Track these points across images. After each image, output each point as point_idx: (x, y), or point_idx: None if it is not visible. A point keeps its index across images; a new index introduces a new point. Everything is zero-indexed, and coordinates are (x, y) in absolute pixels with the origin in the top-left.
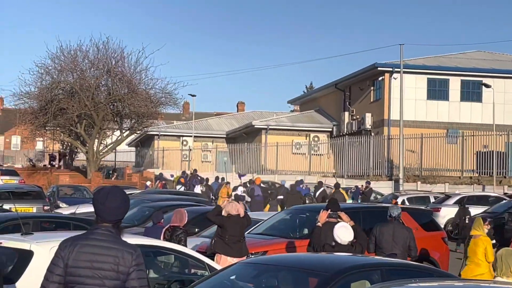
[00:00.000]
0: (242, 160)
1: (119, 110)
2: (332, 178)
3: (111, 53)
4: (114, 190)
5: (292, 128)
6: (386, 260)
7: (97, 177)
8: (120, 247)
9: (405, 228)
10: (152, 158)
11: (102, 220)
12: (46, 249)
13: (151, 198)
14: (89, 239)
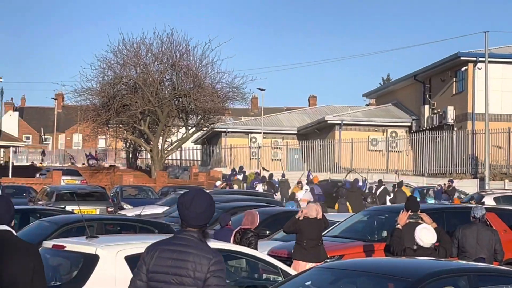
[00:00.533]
0: (314, 157)
1: (184, 106)
2: (412, 176)
3: (175, 46)
4: (200, 194)
5: (368, 123)
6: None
7: (162, 177)
8: (199, 252)
9: (490, 230)
10: (219, 156)
11: (187, 225)
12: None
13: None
14: (170, 244)
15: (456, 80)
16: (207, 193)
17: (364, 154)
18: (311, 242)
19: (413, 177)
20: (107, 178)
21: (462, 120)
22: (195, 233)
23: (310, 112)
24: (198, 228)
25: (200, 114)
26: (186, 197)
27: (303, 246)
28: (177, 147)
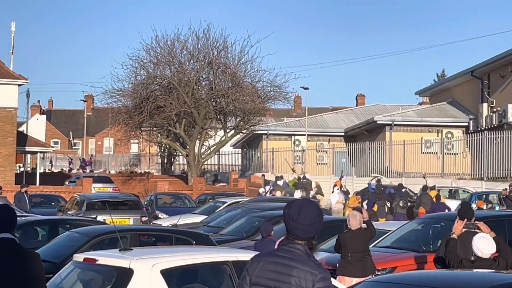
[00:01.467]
0: (363, 161)
1: (222, 107)
2: (470, 180)
3: (212, 43)
4: (307, 204)
5: (421, 123)
6: None
7: (199, 183)
8: (304, 267)
9: None
10: (260, 161)
11: (294, 237)
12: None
13: (261, 207)
14: (274, 256)
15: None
16: (314, 203)
17: (417, 157)
18: (356, 255)
19: (471, 182)
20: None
21: None
22: (301, 246)
23: (358, 112)
24: (305, 240)
25: (239, 116)
26: (293, 208)
27: (348, 260)
28: (215, 151)
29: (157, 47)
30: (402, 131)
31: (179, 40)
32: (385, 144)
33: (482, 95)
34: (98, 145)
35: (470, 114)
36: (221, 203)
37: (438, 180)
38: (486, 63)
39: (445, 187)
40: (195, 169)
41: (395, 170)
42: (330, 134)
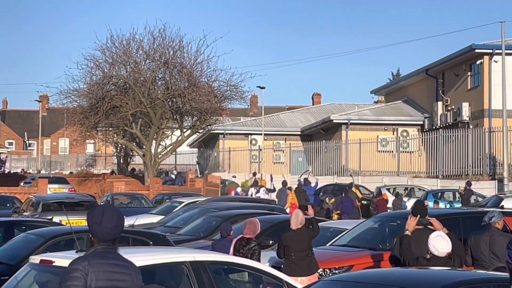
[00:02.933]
0: (320, 160)
1: (178, 107)
2: (425, 179)
3: (168, 42)
4: (108, 209)
5: (377, 122)
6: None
7: (156, 183)
8: (131, 265)
9: (503, 236)
10: (217, 160)
11: (100, 240)
12: None
13: (218, 207)
14: (104, 258)
15: (471, 74)
16: (115, 208)
17: (373, 155)
18: (300, 255)
19: (426, 180)
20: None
21: (478, 117)
22: (113, 246)
23: (314, 111)
24: (111, 242)
25: (196, 115)
26: (96, 213)
27: (291, 260)
28: (172, 151)
29: (113, 47)
30: (358, 129)
31: (134, 39)
32: (341, 142)
33: (437, 94)
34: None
35: (425, 112)
36: (178, 203)
37: (394, 178)
38: (441, 61)
39: (401, 185)
40: (152, 169)
41: (352, 169)
42: (286, 133)
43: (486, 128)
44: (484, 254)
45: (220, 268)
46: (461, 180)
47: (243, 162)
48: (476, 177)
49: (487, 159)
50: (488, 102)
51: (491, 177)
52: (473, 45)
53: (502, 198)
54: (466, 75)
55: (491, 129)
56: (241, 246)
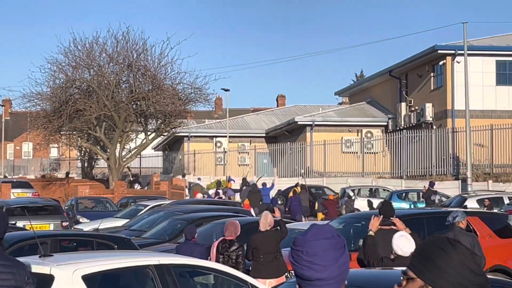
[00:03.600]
0: (285, 161)
1: (143, 110)
2: (390, 179)
3: (132, 45)
4: None
5: (341, 123)
6: None
7: (121, 187)
8: (14, 263)
9: (467, 235)
10: (182, 163)
11: None
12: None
13: (183, 210)
14: None
15: (434, 75)
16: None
17: (338, 156)
18: (268, 257)
19: (391, 180)
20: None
21: (442, 118)
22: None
23: (278, 113)
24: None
25: (160, 118)
26: None
27: (260, 262)
28: (136, 154)
29: (76, 50)
30: (322, 131)
31: (98, 43)
32: (306, 144)
33: (400, 95)
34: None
35: (389, 113)
36: (143, 206)
37: (359, 179)
38: (404, 62)
39: (366, 186)
40: (116, 172)
41: (317, 170)
42: (251, 135)
43: (450, 129)
44: None
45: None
46: (425, 180)
47: (208, 165)
48: (440, 177)
49: (450, 159)
50: (451, 102)
51: (454, 177)
52: (436, 46)
53: (466, 198)
54: (429, 76)
55: (454, 129)
56: (224, 248)
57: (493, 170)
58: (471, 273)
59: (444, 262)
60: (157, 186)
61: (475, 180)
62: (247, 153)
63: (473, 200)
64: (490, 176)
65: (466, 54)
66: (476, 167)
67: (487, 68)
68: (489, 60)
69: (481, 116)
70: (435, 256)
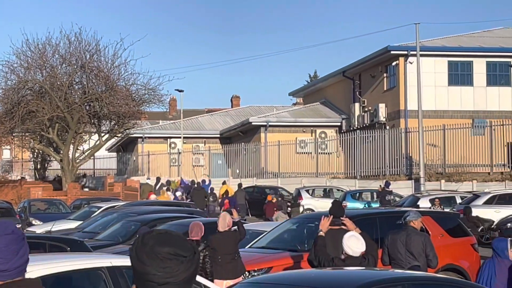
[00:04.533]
0: (239, 162)
1: (96, 111)
2: (344, 179)
3: (84, 46)
4: None
5: (295, 124)
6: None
7: (74, 189)
8: None
9: (420, 235)
10: (136, 164)
11: None
12: None
13: (137, 211)
14: None
15: (387, 76)
16: None
17: (292, 157)
18: (226, 257)
19: (345, 180)
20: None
21: (395, 118)
22: None
23: (233, 113)
24: None
25: (114, 119)
26: None
27: (218, 263)
28: (90, 156)
29: (28, 51)
30: (277, 131)
31: (50, 43)
32: (260, 145)
33: (354, 95)
34: None
35: (342, 114)
36: (97, 208)
37: (313, 179)
38: (357, 63)
39: (320, 186)
40: (70, 174)
41: (271, 171)
42: (205, 136)
43: (403, 129)
44: (401, 253)
45: None
46: (379, 180)
47: (162, 166)
48: (393, 177)
49: (403, 159)
50: (404, 103)
51: (407, 177)
52: (389, 47)
53: (419, 198)
54: (382, 77)
55: (407, 129)
56: None
57: (445, 170)
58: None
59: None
60: (111, 187)
61: (428, 180)
62: (202, 154)
63: (426, 199)
64: (443, 175)
65: (419, 54)
66: (429, 167)
67: (439, 69)
68: (441, 61)
69: (433, 116)
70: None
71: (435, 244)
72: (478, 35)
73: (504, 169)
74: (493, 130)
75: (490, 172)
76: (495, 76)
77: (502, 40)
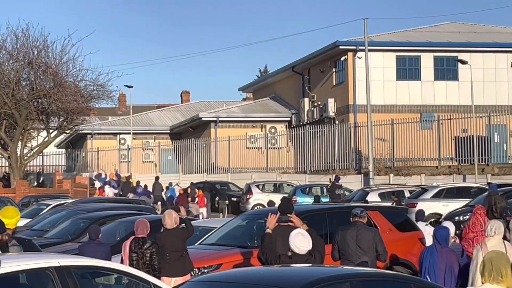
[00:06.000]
0: (189, 158)
1: (44, 107)
2: (294, 174)
3: (32, 42)
4: None
5: (245, 119)
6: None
7: (22, 186)
8: None
9: (370, 230)
10: (86, 161)
11: None
12: None
13: (85, 209)
14: None
15: (336, 71)
16: None
17: (243, 152)
18: (174, 255)
19: (295, 175)
20: None
21: (344, 113)
22: None
23: (183, 109)
24: None
25: (63, 116)
26: None
27: (166, 260)
28: (38, 153)
29: None
30: (227, 127)
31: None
32: (210, 140)
33: (303, 90)
34: None
35: (292, 108)
36: (46, 205)
37: (263, 174)
38: (306, 58)
39: (270, 181)
40: (18, 171)
41: (221, 166)
42: (155, 132)
43: (352, 123)
44: (351, 248)
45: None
46: (329, 174)
47: (112, 162)
48: (343, 172)
49: (353, 153)
50: (353, 97)
51: (357, 171)
52: (337, 42)
53: (368, 192)
54: (331, 72)
55: (356, 124)
56: (138, 246)
57: (394, 164)
58: None
59: None
60: (59, 184)
61: (377, 174)
62: (152, 149)
63: (375, 194)
64: (392, 170)
65: (367, 49)
66: (378, 161)
67: (387, 64)
68: (389, 56)
69: (382, 110)
70: None
71: (384, 239)
72: (426, 30)
73: (451, 163)
74: (440, 124)
75: (438, 166)
76: (442, 71)
77: (449, 35)
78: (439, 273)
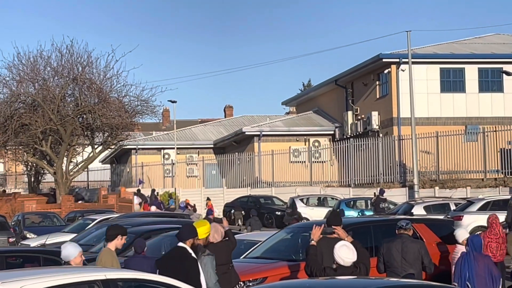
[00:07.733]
0: (233, 172)
1: (89, 123)
2: (338, 188)
3: (76, 58)
4: None
5: (289, 133)
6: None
7: (68, 201)
8: None
9: (415, 243)
10: (130, 176)
11: None
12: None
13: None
14: None
15: (380, 84)
16: None
17: (286, 166)
18: (222, 268)
19: (339, 188)
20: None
21: (388, 126)
22: None
23: (226, 123)
24: None
25: (107, 131)
26: None
27: None
28: (83, 168)
29: (20, 64)
30: (270, 141)
31: (42, 56)
32: (254, 154)
33: (347, 103)
34: None
35: (335, 122)
36: (91, 220)
37: (307, 188)
38: (349, 71)
39: (314, 195)
40: (64, 187)
41: (265, 180)
42: (199, 146)
43: (396, 136)
44: (397, 261)
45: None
46: (373, 188)
47: (156, 177)
48: (387, 185)
49: (397, 166)
50: (397, 110)
51: (401, 184)
52: (381, 55)
53: (413, 205)
54: (374, 85)
55: (401, 137)
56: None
57: (439, 177)
58: None
59: None
60: (105, 199)
61: (422, 187)
62: (195, 164)
63: (420, 207)
64: (437, 182)
65: (411, 62)
66: (422, 174)
67: (431, 76)
68: (433, 68)
69: (426, 123)
70: None
71: (430, 251)
72: (470, 41)
73: (497, 175)
74: (486, 136)
75: (483, 178)
76: (487, 83)
77: (493, 46)
78: (479, 279)
